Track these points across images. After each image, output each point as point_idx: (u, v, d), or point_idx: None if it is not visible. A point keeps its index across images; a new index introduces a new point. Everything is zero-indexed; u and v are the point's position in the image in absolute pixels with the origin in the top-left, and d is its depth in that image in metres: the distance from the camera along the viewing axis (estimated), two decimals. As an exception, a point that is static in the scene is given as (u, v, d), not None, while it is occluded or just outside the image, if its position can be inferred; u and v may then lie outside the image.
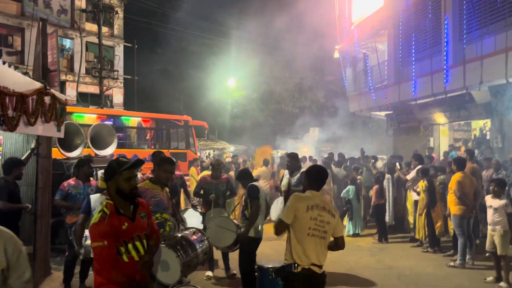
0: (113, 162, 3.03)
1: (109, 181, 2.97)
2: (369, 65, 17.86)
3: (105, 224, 2.82)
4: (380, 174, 9.67)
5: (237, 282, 6.24)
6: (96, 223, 2.83)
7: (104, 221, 2.83)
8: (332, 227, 3.64)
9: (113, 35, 28.38)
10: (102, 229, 2.80)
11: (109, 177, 2.97)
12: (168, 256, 3.76)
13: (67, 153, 7.80)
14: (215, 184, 6.63)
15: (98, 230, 2.81)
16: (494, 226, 6.21)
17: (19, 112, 3.97)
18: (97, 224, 2.83)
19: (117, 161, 3.00)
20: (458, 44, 12.13)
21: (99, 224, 2.82)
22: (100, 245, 2.77)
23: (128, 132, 15.53)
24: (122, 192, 2.94)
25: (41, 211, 5.64)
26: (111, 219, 2.86)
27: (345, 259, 7.32)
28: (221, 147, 27.92)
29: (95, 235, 2.80)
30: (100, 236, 2.78)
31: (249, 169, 6.30)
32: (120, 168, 2.93)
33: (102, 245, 2.76)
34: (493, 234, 6.22)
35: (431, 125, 15.93)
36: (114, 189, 2.95)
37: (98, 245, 2.77)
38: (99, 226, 2.82)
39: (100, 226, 2.82)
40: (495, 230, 6.19)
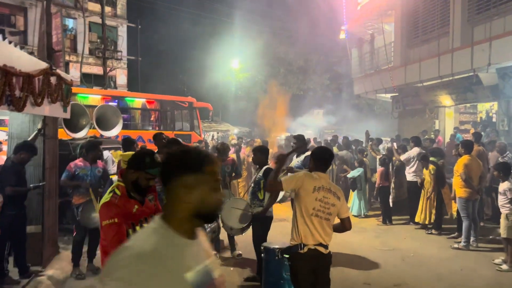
0: (146, 157, 2.91)
1: (131, 169, 2.89)
2: (375, 46, 17.64)
3: (116, 204, 2.81)
4: (386, 157, 9.67)
5: (243, 262, 6.31)
6: (107, 202, 2.82)
7: (115, 200, 2.82)
8: (337, 209, 3.67)
9: (116, 15, 28.11)
10: (112, 208, 2.79)
11: (134, 166, 2.89)
12: None
13: (73, 134, 7.82)
14: (221, 166, 6.67)
15: (108, 209, 2.80)
16: (501, 210, 6.23)
17: (26, 93, 3.97)
18: (108, 203, 2.82)
19: (151, 158, 2.90)
20: (466, 25, 11.94)
21: (110, 203, 2.81)
22: (110, 222, 2.74)
23: (133, 114, 15.52)
24: (138, 186, 2.90)
25: (49, 191, 5.69)
26: (122, 201, 2.84)
27: (349, 240, 7.37)
28: (225, 129, 27.91)
29: (106, 213, 2.78)
30: (111, 215, 2.77)
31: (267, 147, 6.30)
32: (149, 169, 2.87)
33: (112, 223, 2.74)
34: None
35: (437, 108, 15.81)
36: (133, 179, 2.89)
37: (108, 223, 2.75)
38: (110, 205, 2.81)
39: (110, 205, 2.81)
40: (501, 213, 6.22)
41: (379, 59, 16.88)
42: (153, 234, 1.40)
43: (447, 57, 12.21)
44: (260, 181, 5.47)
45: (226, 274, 5.87)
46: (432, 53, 13.13)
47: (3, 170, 5.27)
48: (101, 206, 2.84)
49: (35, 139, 5.58)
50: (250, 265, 6.12)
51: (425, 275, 5.93)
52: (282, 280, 4.28)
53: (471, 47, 11.21)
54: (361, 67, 18.85)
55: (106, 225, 2.75)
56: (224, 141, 9.32)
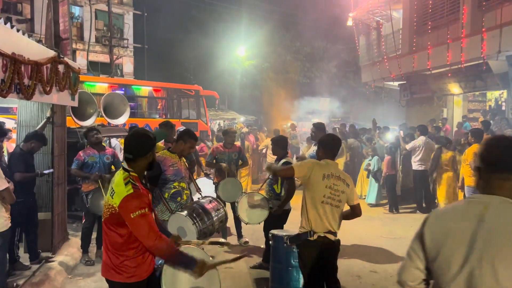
0: (151, 134, 2.88)
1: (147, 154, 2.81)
2: (383, 33, 17.44)
3: (142, 193, 2.71)
4: (392, 145, 9.63)
5: (249, 250, 6.36)
6: (133, 193, 2.66)
7: (139, 191, 2.70)
8: (346, 196, 3.69)
9: (122, 2, 28.01)
10: (141, 198, 2.68)
11: (148, 150, 2.81)
12: (185, 224, 3.82)
13: (81, 122, 7.85)
14: (228, 154, 6.67)
15: (138, 199, 2.66)
16: None
17: (35, 81, 3.98)
18: (134, 194, 2.66)
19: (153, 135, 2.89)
20: (476, 12, 11.74)
21: (136, 193, 2.67)
22: (142, 212, 2.62)
23: (139, 102, 15.55)
24: (151, 166, 2.88)
25: (58, 178, 5.74)
26: (142, 188, 2.76)
27: (356, 228, 7.38)
28: (231, 117, 27.89)
29: (134, 204, 2.63)
30: (140, 204, 2.65)
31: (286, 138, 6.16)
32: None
33: (145, 212, 2.64)
34: None
35: (445, 96, 15.65)
36: (148, 163, 2.83)
37: (141, 213, 2.62)
38: (137, 196, 2.67)
39: (138, 196, 2.67)
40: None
41: (387, 47, 16.69)
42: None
43: (456, 44, 12.04)
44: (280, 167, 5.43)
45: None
46: (441, 40, 12.95)
47: (12, 157, 5.33)
48: (125, 198, 2.64)
49: (44, 127, 5.62)
50: (257, 252, 6.17)
51: (432, 263, 5.93)
52: (290, 267, 4.31)
53: (481, 34, 11.04)
54: (368, 55, 18.67)
55: (138, 216, 2.61)
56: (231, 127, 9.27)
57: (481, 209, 1.60)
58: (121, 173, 2.81)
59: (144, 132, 2.93)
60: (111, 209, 2.71)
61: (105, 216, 2.78)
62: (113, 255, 2.75)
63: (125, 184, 2.70)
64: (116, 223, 2.71)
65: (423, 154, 8.90)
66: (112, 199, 2.71)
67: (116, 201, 2.67)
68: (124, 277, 2.74)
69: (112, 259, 2.75)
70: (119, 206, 2.64)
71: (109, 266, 2.77)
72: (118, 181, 2.76)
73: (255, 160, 12.55)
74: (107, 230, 2.77)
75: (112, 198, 2.72)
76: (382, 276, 5.43)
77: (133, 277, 2.75)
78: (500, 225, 1.55)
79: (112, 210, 2.70)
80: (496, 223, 1.55)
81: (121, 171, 2.83)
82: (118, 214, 2.67)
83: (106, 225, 2.78)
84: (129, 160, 2.80)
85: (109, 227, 2.75)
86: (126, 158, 2.82)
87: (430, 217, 1.79)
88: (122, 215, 2.64)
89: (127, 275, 2.74)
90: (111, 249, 2.77)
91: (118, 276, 2.75)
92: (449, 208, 1.81)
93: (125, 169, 2.79)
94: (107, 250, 2.79)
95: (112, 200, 2.70)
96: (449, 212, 1.75)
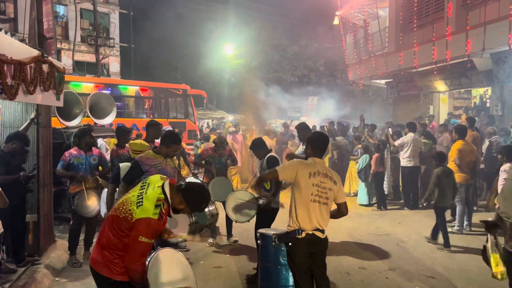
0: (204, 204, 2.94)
1: (186, 207, 2.88)
2: (370, 32, 17.56)
3: (161, 224, 2.76)
4: (380, 143, 9.71)
5: (239, 249, 6.36)
6: (156, 221, 2.70)
7: (161, 221, 2.74)
8: (334, 194, 3.70)
9: (108, 1, 27.70)
10: (156, 229, 2.73)
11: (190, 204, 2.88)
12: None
13: (66, 122, 7.77)
14: (218, 158, 6.67)
15: (154, 227, 2.70)
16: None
17: (18, 81, 3.91)
18: (156, 222, 2.71)
19: (205, 206, 2.96)
20: (461, 10, 11.89)
21: (157, 223, 2.72)
22: (148, 241, 2.68)
23: (126, 101, 15.40)
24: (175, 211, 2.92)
25: (43, 179, 5.66)
26: (164, 220, 2.80)
27: (345, 225, 7.43)
28: (220, 116, 27.80)
29: (150, 232, 2.68)
30: (153, 234, 2.71)
31: (262, 138, 6.00)
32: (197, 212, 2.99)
33: (149, 243, 2.70)
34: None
35: (431, 93, 15.84)
36: (178, 208, 2.88)
37: (147, 241, 2.68)
38: (156, 225, 2.71)
39: (157, 225, 2.71)
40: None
41: (373, 45, 16.81)
42: None
43: (441, 42, 12.18)
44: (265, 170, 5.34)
45: (222, 261, 5.91)
46: (427, 38, 13.09)
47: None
48: (147, 221, 2.68)
49: (28, 129, 5.53)
50: (247, 252, 6.17)
51: (420, 259, 6.00)
52: (279, 265, 4.30)
53: (466, 32, 11.19)
54: (355, 53, 18.79)
55: (144, 243, 2.66)
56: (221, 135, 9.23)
57: None
58: (158, 192, 2.79)
59: (204, 195, 2.95)
60: (128, 214, 2.71)
61: (116, 214, 2.77)
62: (106, 251, 2.75)
63: (155, 206, 2.72)
64: (122, 227, 2.72)
65: (411, 151, 8.99)
66: (136, 208, 2.71)
67: (138, 213, 2.69)
68: (113, 273, 2.74)
69: (105, 254, 2.75)
70: (138, 221, 2.67)
71: (100, 260, 2.77)
72: (150, 197, 2.76)
73: (244, 160, 12.52)
74: (111, 226, 2.76)
75: (136, 207, 2.71)
76: (371, 272, 5.47)
77: (122, 275, 2.75)
78: None
79: (128, 216, 2.70)
80: None
81: (159, 189, 2.81)
82: (130, 223, 2.68)
83: (112, 222, 2.77)
84: (177, 190, 2.84)
85: (114, 226, 2.75)
86: (175, 187, 2.85)
87: None
88: (133, 228, 2.67)
89: (117, 272, 2.74)
90: (106, 245, 2.77)
91: (107, 271, 2.75)
92: None
93: (165, 193, 2.79)
94: (102, 245, 2.79)
95: (136, 210, 2.70)
96: None
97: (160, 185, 2.83)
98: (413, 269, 5.59)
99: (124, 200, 2.84)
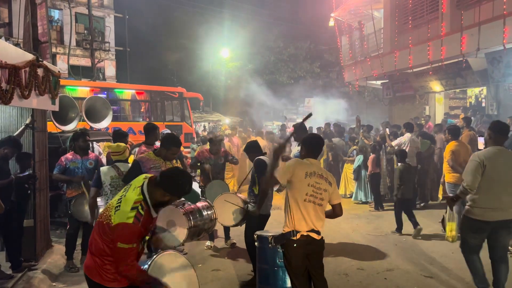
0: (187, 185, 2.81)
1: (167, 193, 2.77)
2: (365, 33, 17.61)
3: (139, 227, 2.67)
4: (376, 143, 9.72)
5: (237, 252, 6.34)
6: (130, 226, 2.63)
7: (138, 223, 2.66)
8: (329, 195, 3.70)
9: (103, 5, 27.68)
10: (136, 234, 2.67)
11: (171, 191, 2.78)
12: (177, 216, 3.76)
13: (62, 127, 7.74)
14: (214, 160, 6.62)
15: (131, 234, 2.64)
16: None
17: (13, 85, 3.88)
18: (131, 227, 2.63)
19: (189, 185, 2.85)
20: (455, 10, 11.95)
21: (134, 227, 2.64)
22: (128, 247, 2.62)
23: (122, 105, 15.37)
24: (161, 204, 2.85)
25: (39, 184, 5.63)
26: (144, 220, 2.70)
27: (342, 226, 7.43)
28: (216, 119, 27.76)
29: (127, 237, 2.62)
30: (131, 239, 2.63)
31: (257, 141, 5.97)
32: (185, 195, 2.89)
33: (131, 247, 2.63)
34: None
35: (427, 94, 15.90)
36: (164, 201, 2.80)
37: (126, 247, 2.61)
38: (133, 230, 2.64)
39: (134, 230, 2.65)
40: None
41: (369, 46, 16.86)
42: None
43: (436, 43, 12.24)
44: (254, 175, 5.22)
45: (221, 264, 5.89)
46: (422, 39, 13.15)
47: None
48: (120, 226, 2.62)
49: (22, 134, 5.50)
50: (245, 254, 6.14)
51: (417, 259, 6.00)
52: (276, 267, 4.29)
53: (460, 32, 11.24)
54: (351, 54, 18.84)
55: (124, 248, 2.61)
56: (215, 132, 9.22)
57: None
58: (137, 193, 2.73)
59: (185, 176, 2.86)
60: (109, 220, 2.67)
61: (101, 220, 2.73)
62: (97, 258, 2.73)
63: (131, 209, 2.65)
64: (106, 232, 2.68)
65: (408, 151, 8.98)
66: (114, 214, 2.66)
67: (115, 219, 2.64)
68: (105, 280, 2.72)
69: (96, 261, 2.73)
70: (114, 227, 2.62)
71: (92, 266, 2.75)
72: (128, 200, 2.70)
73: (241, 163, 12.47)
74: (98, 232, 2.74)
75: (114, 213, 2.66)
76: (369, 273, 5.46)
77: (114, 282, 2.72)
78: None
79: (109, 222, 2.66)
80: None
81: (139, 189, 2.74)
82: (110, 230, 2.65)
83: (99, 228, 2.74)
84: (155, 185, 2.75)
85: (100, 232, 2.72)
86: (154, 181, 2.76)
87: None
88: (112, 235, 2.63)
89: (108, 279, 2.72)
90: (95, 252, 2.74)
91: (99, 277, 2.72)
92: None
93: (143, 192, 2.73)
94: (92, 252, 2.77)
95: (113, 216, 2.66)
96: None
97: (140, 185, 2.76)
98: (411, 269, 5.59)
99: (108, 205, 2.81)
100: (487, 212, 4.19)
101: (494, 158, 4.21)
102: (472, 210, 4.29)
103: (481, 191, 4.20)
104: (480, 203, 4.22)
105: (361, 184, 9.94)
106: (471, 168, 4.24)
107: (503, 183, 4.20)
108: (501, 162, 4.22)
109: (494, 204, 4.18)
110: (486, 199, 4.19)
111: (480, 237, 4.32)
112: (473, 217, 4.28)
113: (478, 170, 4.18)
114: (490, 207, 4.18)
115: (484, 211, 4.21)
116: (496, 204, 4.18)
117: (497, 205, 4.18)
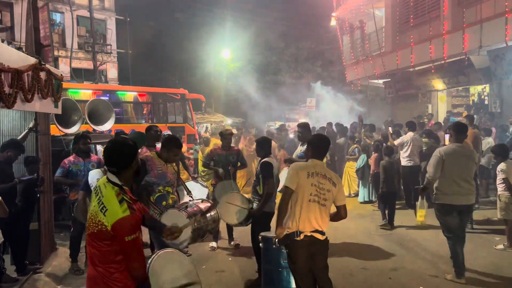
0: (130, 141, 2.77)
1: (131, 163, 2.73)
2: (367, 32, 17.60)
3: (137, 215, 2.63)
4: (379, 142, 9.69)
5: (240, 252, 6.33)
6: (129, 217, 2.55)
7: (135, 212, 2.60)
8: (333, 195, 3.69)
9: (104, 8, 27.72)
10: (137, 221, 2.61)
11: (131, 160, 2.72)
12: (179, 219, 3.76)
13: (65, 130, 7.74)
14: (225, 155, 6.58)
15: (131, 223, 2.56)
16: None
17: (16, 89, 3.90)
18: (130, 217, 2.56)
19: (132, 141, 2.80)
20: (457, 8, 11.92)
21: (132, 217, 2.57)
22: (134, 237, 2.56)
23: (125, 107, 15.41)
24: (137, 173, 2.84)
25: (43, 187, 5.64)
26: (138, 206, 2.69)
27: (346, 226, 7.41)
28: (219, 120, 27.76)
29: (130, 229, 2.55)
30: (134, 229, 2.57)
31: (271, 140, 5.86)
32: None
33: (136, 237, 2.57)
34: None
35: (429, 92, 15.86)
36: (133, 171, 2.76)
37: (133, 237, 2.55)
38: (132, 219, 2.57)
39: (133, 219, 2.58)
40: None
41: (370, 45, 16.84)
42: None
43: (438, 41, 12.21)
44: (259, 175, 5.18)
45: (225, 265, 5.89)
46: (424, 37, 13.12)
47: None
48: (121, 220, 2.52)
49: (26, 138, 5.52)
50: (249, 255, 6.13)
51: (422, 258, 5.98)
52: (281, 268, 4.30)
53: (462, 30, 11.21)
54: (352, 54, 18.82)
55: (130, 240, 2.54)
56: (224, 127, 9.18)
57: None
58: (110, 187, 2.64)
59: (122, 141, 2.81)
60: (101, 226, 2.55)
61: (91, 230, 2.61)
62: (101, 268, 2.60)
63: (119, 202, 2.57)
64: (104, 239, 2.57)
65: (411, 150, 8.97)
66: (105, 216, 2.54)
67: (109, 220, 2.53)
68: None
69: (101, 272, 2.60)
70: (113, 227, 2.52)
71: (98, 280, 2.61)
72: (109, 197, 2.60)
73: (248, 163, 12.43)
74: (93, 244, 2.61)
75: (104, 215, 2.55)
76: (374, 272, 5.45)
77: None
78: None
79: (103, 228, 2.55)
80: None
81: (109, 184, 2.66)
82: (109, 233, 2.54)
83: (92, 239, 2.62)
84: (114, 173, 2.69)
85: (96, 242, 2.61)
86: (110, 171, 2.70)
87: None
88: (115, 235, 2.54)
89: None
90: (98, 263, 2.62)
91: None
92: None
93: (114, 183, 2.65)
94: (94, 265, 2.64)
95: (104, 218, 2.54)
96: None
97: (106, 180, 2.69)
98: (416, 268, 5.57)
99: (90, 215, 2.69)
100: (450, 196, 4.99)
101: (453, 154, 5.03)
102: (438, 196, 5.10)
103: (443, 180, 5.02)
104: (443, 189, 5.03)
105: (365, 184, 9.93)
106: (433, 162, 5.09)
107: (461, 173, 5.00)
108: (458, 156, 5.04)
109: (454, 189, 4.97)
110: (447, 186, 5.00)
111: (454, 219, 5.05)
112: (441, 202, 5.09)
113: (439, 163, 5.01)
114: (451, 193, 4.98)
115: (448, 196, 5.00)
116: (456, 189, 4.97)
117: (457, 190, 4.97)
